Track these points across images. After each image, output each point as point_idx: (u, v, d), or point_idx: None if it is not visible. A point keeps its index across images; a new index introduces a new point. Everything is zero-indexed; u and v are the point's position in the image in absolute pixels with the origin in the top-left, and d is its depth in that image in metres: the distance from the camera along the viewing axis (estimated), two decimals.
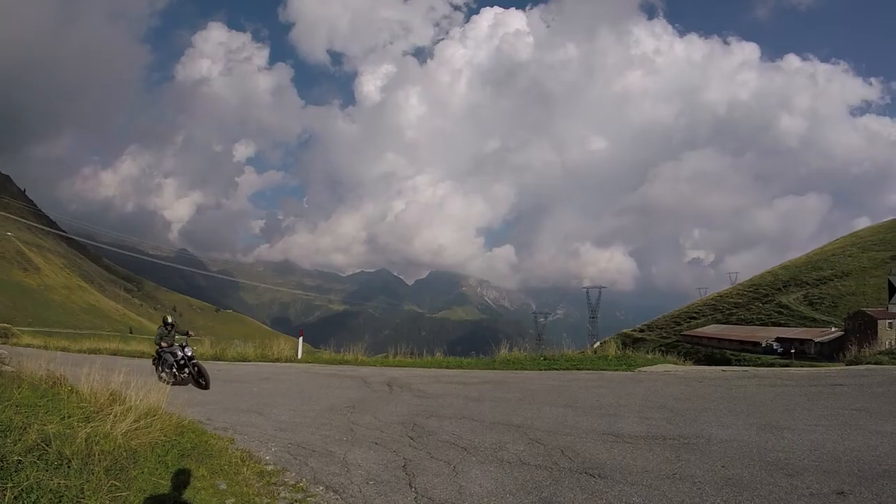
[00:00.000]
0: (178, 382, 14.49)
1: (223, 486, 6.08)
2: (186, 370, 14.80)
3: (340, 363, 20.88)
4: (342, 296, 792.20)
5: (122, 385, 8.16)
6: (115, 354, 27.02)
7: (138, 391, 7.85)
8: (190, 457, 6.78)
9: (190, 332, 16.81)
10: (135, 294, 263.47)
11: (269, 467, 7.07)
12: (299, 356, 23.07)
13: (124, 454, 6.03)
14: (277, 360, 22.48)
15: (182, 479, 6.03)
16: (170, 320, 16.26)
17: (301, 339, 24.09)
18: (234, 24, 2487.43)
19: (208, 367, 15.21)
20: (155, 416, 7.40)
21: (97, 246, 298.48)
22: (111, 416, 6.69)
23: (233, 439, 8.37)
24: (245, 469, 6.76)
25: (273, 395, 12.58)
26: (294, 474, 6.85)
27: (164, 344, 15.45)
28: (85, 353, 27.09)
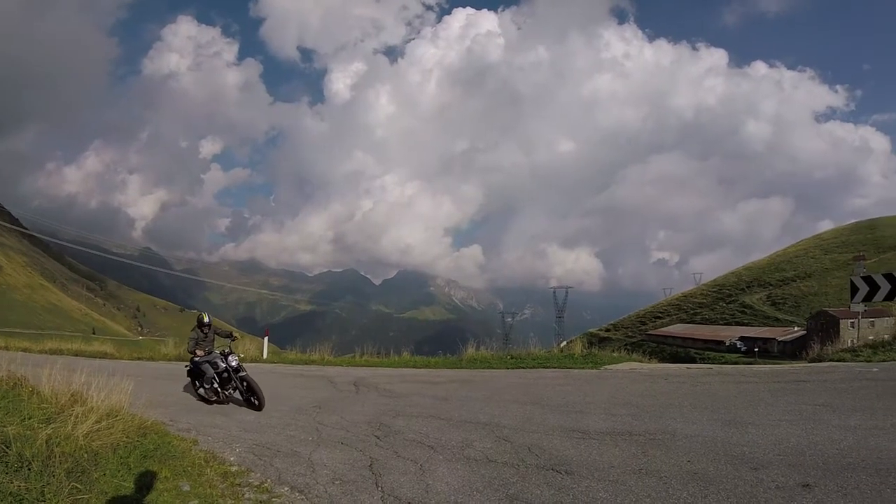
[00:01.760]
0: (220, 401, 11.95)
1: (186, 488, 6.01)
2: (231, 384, 11.76)
3: (307, 363, 20.65)
4: (309, 295, 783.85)
5: (83, 386, 7.99)
6: (77, 355, 26.40)
7: (100, 392, 7.71)
8: (153, 458, 6.69)
9: (234, 335, 13.41)
10: (98, 293, 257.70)
11: (234, 468, 6.99)
12: (265, 356, 22.82)
13: (86, 456, 5.93)
14: (243, 360, 22.16)
15: (145, 480, 5.95)
16: (206, 320, 12.60)
17: (266, 338, 23.86)
18: (203, 19, 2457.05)
19: (172, 367, 14.55)
20: (117, 416, 7.28)
21: (60, 244, 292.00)
22: (72, 418, 6.56)
23: (196, 440, 8.26)
24: (209, 470, 6.69)
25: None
26: (259, 475, 6.78)
27: (199, 352, 12.14)
28: (47, 353, 26.46)
